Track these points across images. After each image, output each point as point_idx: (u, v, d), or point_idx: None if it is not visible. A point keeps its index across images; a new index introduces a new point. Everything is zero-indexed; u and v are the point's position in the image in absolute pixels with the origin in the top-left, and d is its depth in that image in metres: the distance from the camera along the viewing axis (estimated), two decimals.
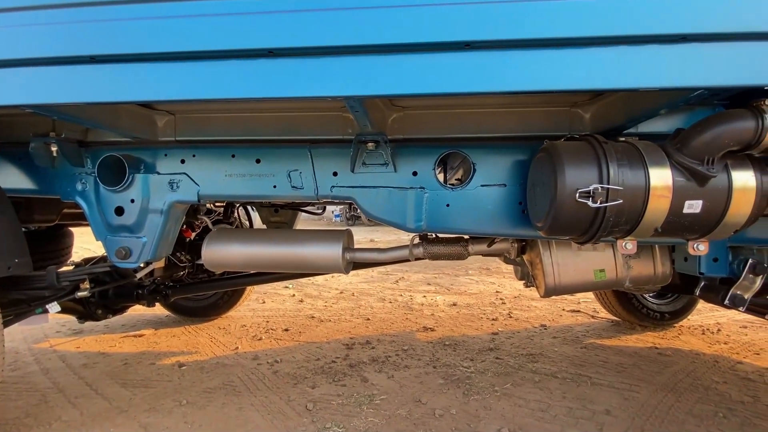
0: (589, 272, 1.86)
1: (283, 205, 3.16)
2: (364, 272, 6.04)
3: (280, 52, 1.04)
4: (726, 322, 3.51)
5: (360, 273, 5.97)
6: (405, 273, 6.01)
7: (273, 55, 1.05)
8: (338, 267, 1.97)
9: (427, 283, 5.37)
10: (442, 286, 5.15)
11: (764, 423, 1.98)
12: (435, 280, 5.56)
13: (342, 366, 2.69)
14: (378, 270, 6.20)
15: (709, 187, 1.14)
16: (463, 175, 1.71)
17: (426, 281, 5.48)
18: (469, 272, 6.11)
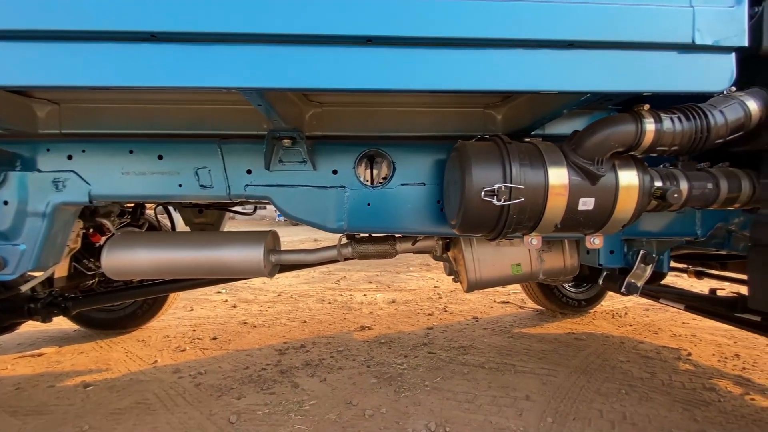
0: (506, 266, 1.95)
1: (209, 205, 2.96)
2: (305, 273, 5.90)
3: (164, 37, 0.93)
4: (632, 306, 3.91)
5: (301, 274, 5.82)
6: (347, 272, 5.96)
7: (156, 40, 0.94)
8: (260, 271, 1.87)
9: (369, 281, 5.37)
10: (383, 284, 5.18)
11: (659, 396, 2.21)
12: (377, 278, 5.57)
13: (272, 373, 2.58)
14: (320, 270, 6.09)
15: (599, 186, 1.22)
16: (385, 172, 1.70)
17: (368, 279, 5.47)
18: (410, 269, 6.22)
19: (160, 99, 1.52)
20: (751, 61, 1.24)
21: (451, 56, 0.96)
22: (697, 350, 2.85)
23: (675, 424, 1.95)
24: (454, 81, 0.96)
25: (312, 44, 0.95)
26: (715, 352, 2.81)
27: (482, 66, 0.97)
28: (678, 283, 3.88)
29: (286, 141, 1.45)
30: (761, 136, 1.22)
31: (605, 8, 1.00)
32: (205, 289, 4.91)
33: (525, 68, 0.99)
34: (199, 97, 1.52)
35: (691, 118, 1.16)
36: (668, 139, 1.16)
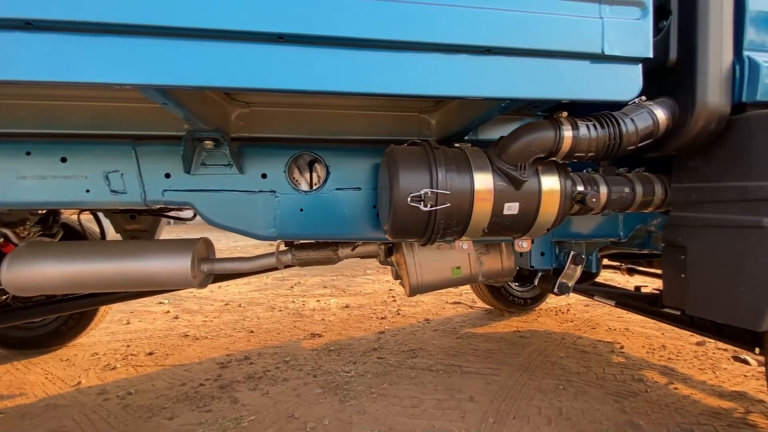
0: (447, 270, 1.96)
1: (141, 210, 2.75)
2: (256, 279, 5.68)
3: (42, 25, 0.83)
4: (574, 302, 4.11)
5: (252, 280, 5.60)
6: (302, 277, 5.81)
7: (30, 28, 0.83)
8: (188, 282, 1.74)
9: (324, 286, 5.26)
10: (338, 288, 5.09)
11: (593, 390, 2.32)
12: (332, 282, 5.48)
13: (211, 389, 2.43)
14: (272, 276, 5.90)
15: (523, 191, 1.25)
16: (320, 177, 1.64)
17: (323, 284, 5.36)
18: (368, 272, 6.18)
19: (63, 95, 1.37)
20: (660, 72, 1.31)
21: (365, 58, 0.93)
22: (629, 343, 3.04)
23: (606, 416, 2.04)
24: (367, 83, 0.93)
25: (215, 39, 0.88)
26: (644, 344, 3.01)
27: (397, 69, 0.95)
28: (616, 279, 4.14)
29: (208, 143, 1.36)
30: (668, 144, 1.29)
31: (521, 16, 1.01)
32: (145, 300, 4.59)
33: (442, 73, 0.98)
34: (108, 93, 1.38)
35: (605, 125, 1.21)
36: (585, 145, 1.20)
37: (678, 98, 1.26)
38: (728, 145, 1.25)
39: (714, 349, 2.89)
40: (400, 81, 0.95)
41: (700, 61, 1.20)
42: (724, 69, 1.21)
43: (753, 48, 1.23)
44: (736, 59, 1.23)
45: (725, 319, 1.28)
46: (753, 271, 1.20)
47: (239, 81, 0.89)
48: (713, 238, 1.31)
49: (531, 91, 1.05)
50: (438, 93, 0.99)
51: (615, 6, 1.06)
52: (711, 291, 1.31)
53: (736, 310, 1.24)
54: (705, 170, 1.33)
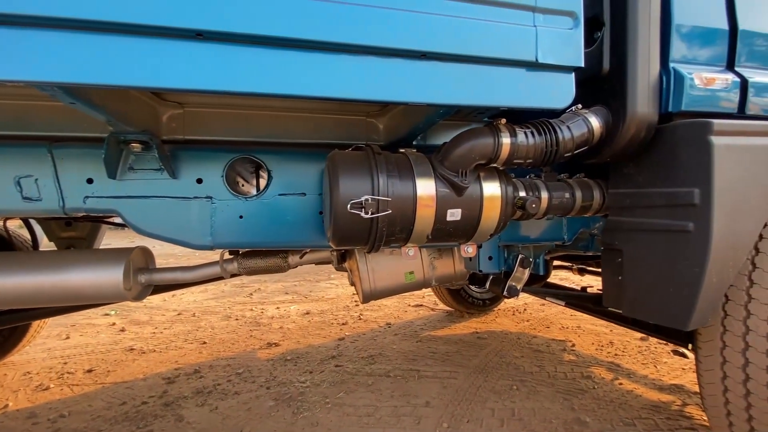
0: (400, 275, 1.93)
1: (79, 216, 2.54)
2: (214, 287, 5.45)
3: None
4: (531, 302, 4.23)
5: (209, 289, 5.37)
6: (262, 284, 5.64)
7: None
8: (121, 294, 1.62)
9: (285, 292, 5.13)
10: (300, 294, 4.97)
11: (544, 389, 2.38)
12: (294, 288, 5.35)
13: (154, 407, 2.28)
14: (231, 283, 5.68)
15: (465, 197, 1.24)
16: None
17: (284, 290, 5.23)
18: (332, 276, 6.08)
19: None
20: (595, 82, 1.35)
21: (291, 59, 0.88)
22: (580, 340, 3.15)
23: (555, 415, 2.09)
24: (293, 85, 0.88)
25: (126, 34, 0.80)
26: (594, 341, 3.13)
27: (326, 71, 0.91)
28: (571, 279, 4.31)
29: (135, 145, 1.26)
30: (603, 151, 1.33)
31: (456, 21, 1.00)
32: (89, 312, 4.28)
33: (375, 77, 0.95)
34: (20, 90, 1.25)
35: (542, 132, 1.23)
36: (523, 152, 1.21)
37: (611, 107, 1.30)
38: (657, 152, 1.31)
39: (656, 344, 3.05)
40: (328, 84, 0.91)
41: (630, 71, 1.25)
42: (652, 80, 1.26)
43: (678, 60, 1.29)
44: (663, 70, 1.28)
45: (657, 320, 1.34)
46: (680, 273, 1.26)
47: (149, 80, 0.82)
48: (645, 242, 1.36)
49: (467, 98, 1.04)
50: (370, 97, 0.96)
51: (548, 15, 1.08)
52: (644, 292, 1.37)
53: (666, 310, 1.29)
54: (637, 177, 1.38)
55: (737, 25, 1.34)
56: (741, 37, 1.35)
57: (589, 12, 1.30)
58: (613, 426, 1.99)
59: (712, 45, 1.34)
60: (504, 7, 1.03)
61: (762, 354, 1.28)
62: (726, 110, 1.31)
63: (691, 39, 1.32)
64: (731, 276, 1.25)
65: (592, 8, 1.30)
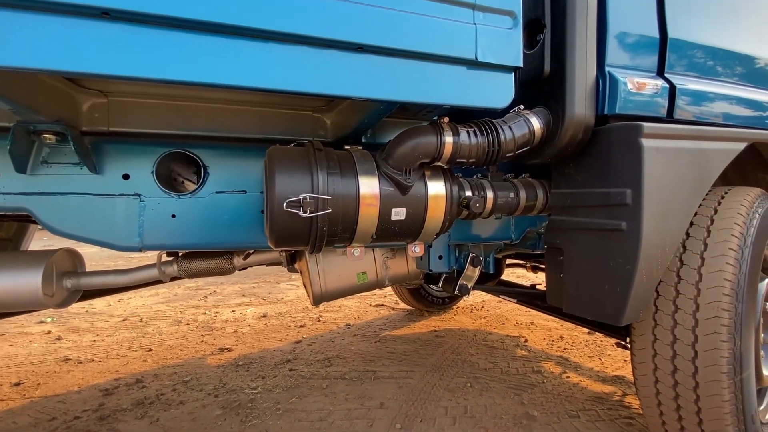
0: (352, 276, 1.90)
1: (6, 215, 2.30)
2: (165, 290, 5.16)
3: None
4: (489, 299, 4.32)
5: (160, 292, 5.08)
6: (218, 286, 5.41)
7: None
8: (40, 301, 1.47)
9: (242, 294, 4.94)
10: (258, 296, 4.81)
11: (497, 385, 2.42)
12: (252, 290, 5.17)
13: (88, 421, 2.10)
14: (185, 286, 5.41)
15: (409, 196, 1.22)
16: None
17: (242, 293, 5.03)
18: (293, 277, 5.94)
19: None
20: (537, 83, 1.38)
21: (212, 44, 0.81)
22: (533, 336, 3.25)
23: (506, 410, 2.13)
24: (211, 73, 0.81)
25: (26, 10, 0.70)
26: (545, 337, 3.24)
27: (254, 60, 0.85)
28: (527, 276, 4.44)
29: (48, 137, 1.13)
30: (544, 152, 1.36)
31: (395, 14, 0.98)
32: (21, 320, 3.92)
33: (308, 68, 0.90)
34: None
35: (485, 132, 1.23)
36: (465, 151, 1.21)
37: (551, 109, 1.33)
38: (593, 154, 1.35)
39: (602, 338, 3.20)
40: (255, 74, 0.85)
41: (568, 74, 1.28)
42: (589, 83, 1.30)
43: (613, 65, 1.34)
44: (599, 74, 1.33)
45: (593, 316, 1.38)
46: (614, 271, 1.30)
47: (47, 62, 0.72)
48: (583, 241, 1.40)
49: (406, 94, 1.02)
50: (302, 89, 0.91)
51: (488, 14, 1.07)
52: (582, 290, 1.41)
53: (601, 307, 1.34)
54: (576, 177, 1.42)
55: (667, 34, 1.41)
56: (670, 45, 1.43)
57: (532, 14, 1.33)
58: (559, 419, 2.05)
59: (644, 51, 1.40)
60: (443, 3, 1.02)
61: (688, 346, 1.35)
62: (656, 114, 1.38)
63: (624, 45, 1.38)
64: (660, 273, 1.31)
65: (534, 10, 1.33)
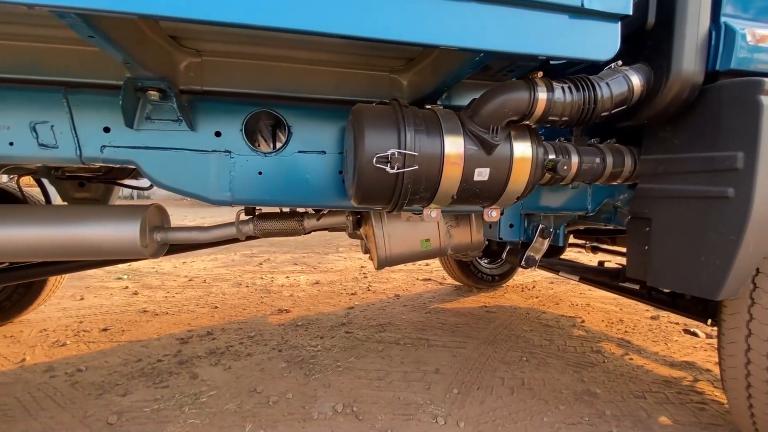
0: (416, 242, 1.91)
1: (90, 177, 2.52)
2: (223, 256, 5.51)
3: None
4: (540, 279, 4.21)
5: (219, 257, 5.42)
6: (271, 254, 5.68)
7: None
8: (137, 251, 1.61)
9: (294, 263, 5.16)
10: (308, 265, 5.00)
11: (554, 361, 2.38)
12: (302, 259, 5.38)
13: (169, 364, 2.33)
14: (241, 252, 5.74)
15: (494, 156, 1.19)
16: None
17: (293, 261, 5.26)
18: (339, 249, 6.11)
19: None
20: (637, 37, 1.27)
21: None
22: (590, 317, 3.14)
23: (565, 386, 2.10)
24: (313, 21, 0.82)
25: None
26: (603, 319, 3.12)
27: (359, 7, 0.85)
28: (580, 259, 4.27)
29: (153, 93, 1.21)
30: (641, 112, 1.26)
31: None
32: (102, 276, 4.35)
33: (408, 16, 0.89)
34: (35, 32, 1.20)
35: (581, 88, 1.16)
36: (559, 108, 1.15)
37: (653, 64, 1.22)
38: (698, 114, 1.24)
39: (667, 323, 3.04)
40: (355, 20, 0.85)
41: (677, 25, 1.16)
42: (700, 35, 1.18)
43: (730, 14, 1.20)
44: (713, 25, 1.20)
45: (685, 289, 1.30)
46: (714, 242, 1.21)
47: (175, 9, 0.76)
48: (678, 210, 1.31)
49: (507, 44, 0.97)
50: (403, 38, 0.90)
51: None
52: (672, 262, 1.33)
53: (696, 279, 1.26)
54: (674, 141, 1.31)
55: None
56: None
57: None
58: (623, 398, 2.00)
59: None
60: None
61: None
62: None
63: None
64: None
65: None
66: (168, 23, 1.14)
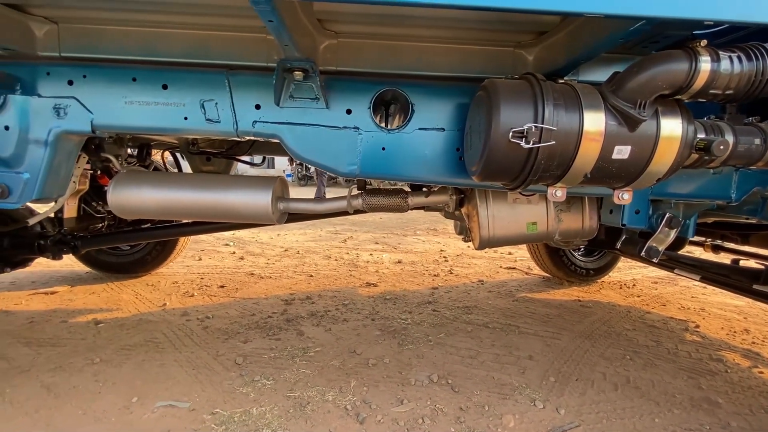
0: (522, 225, 1.88)
1: (215, 152, 2.88)
2: (312, 231, 5.91)
3: None
4: (641, 278, 3.86)
5: (308, 232, 5.84)
6: (353, 233, 5.96)
7: None
8: (268, 216, 1.82)
9: (375, 242, 5.36)
10: (389, 245, 5.17)
11: (664, 363, 2.20)
12: (383, 239, 5.56)
13: (278, 321, 2.61)
14: (326, 229, 6.10)
15: (638, 133, 1.12)
16: (400, 118, 1.59)
17: (374, 240, 5.46)
18: (417, 232, 6.19)
19: (163, 22, 1.40)
20: None
21: None
22: (706, 323, 2.82)
23: (679, 390, 1.94)
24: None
25: None
26: (723, 326, 2.77)
27: None
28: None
29: (297, 73, 1.34)
30: None
31: None
32: (213, 241, 4.96)
33: None
34: (204, 21, 1.40)
35: (752, 57, 1.03)
36: (723, 81, 1.04)
37: None
38: None
39: None
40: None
41: None
42: None
43: None
44: None
45: None
46: None
47: None
48: None
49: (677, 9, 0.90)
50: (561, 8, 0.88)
51: None
52: None
53: None
54: None
55: None
56: None
57: None
58: (752, 411, 1.79)
59: None
60: None
61: None
62: None
63: None
64: None
65: None
66: (321, 6, 1.25)
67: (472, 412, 1.72)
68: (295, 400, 1.76)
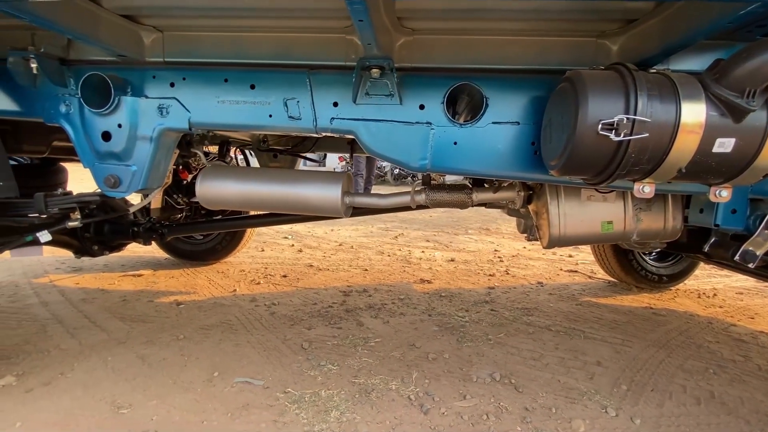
0: (596, 224, 1.80)
1: (282, 150, 3.05)
2: (363, 227, 6.03)
3: None
4: (722, 288, 3.51)
5: (359, 228, 5.96)
6: (404, 230, 5.99)
7: None
8: (337, 210, 1.91)
9: (426, 240, 5.36)
10: (440, 243, 5.14)
11: (754, 380, 2.00)
12: (434, 237, 5.54)
13: (338, 311, 2.71)
14: (377, 226, 6.19)
15: (744, 124, 1.04)
16: (471, 112, 1.59)
17: (425, 238, 5.46)
18: (469, 231, 6.09)
19: (252, 26, 1.52)
20: None
21: None
22: None
23: None
24: None
25: None
26: None
27: None
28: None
29: (374, 71, 1.40)
30: None
31: None
32: (273, 235, 5.23)
33: None
34: (287, 24, 1.49)
35: None
36: None
37: None
38: None
39: None
40: None
41: None
42: None
43: None
44: None
45: None
46: None
47: None
48: None
49: None
50: None
51: None
52: None
53: None
54: None
55: None
56: None
57: None
58: None
59: None
60: None
61: None
62: None
63: None
64: None
65: None
66: (403, 4, 1.29)
67: (539, 413, 1.68)
68: (360, 387, 1.83)
